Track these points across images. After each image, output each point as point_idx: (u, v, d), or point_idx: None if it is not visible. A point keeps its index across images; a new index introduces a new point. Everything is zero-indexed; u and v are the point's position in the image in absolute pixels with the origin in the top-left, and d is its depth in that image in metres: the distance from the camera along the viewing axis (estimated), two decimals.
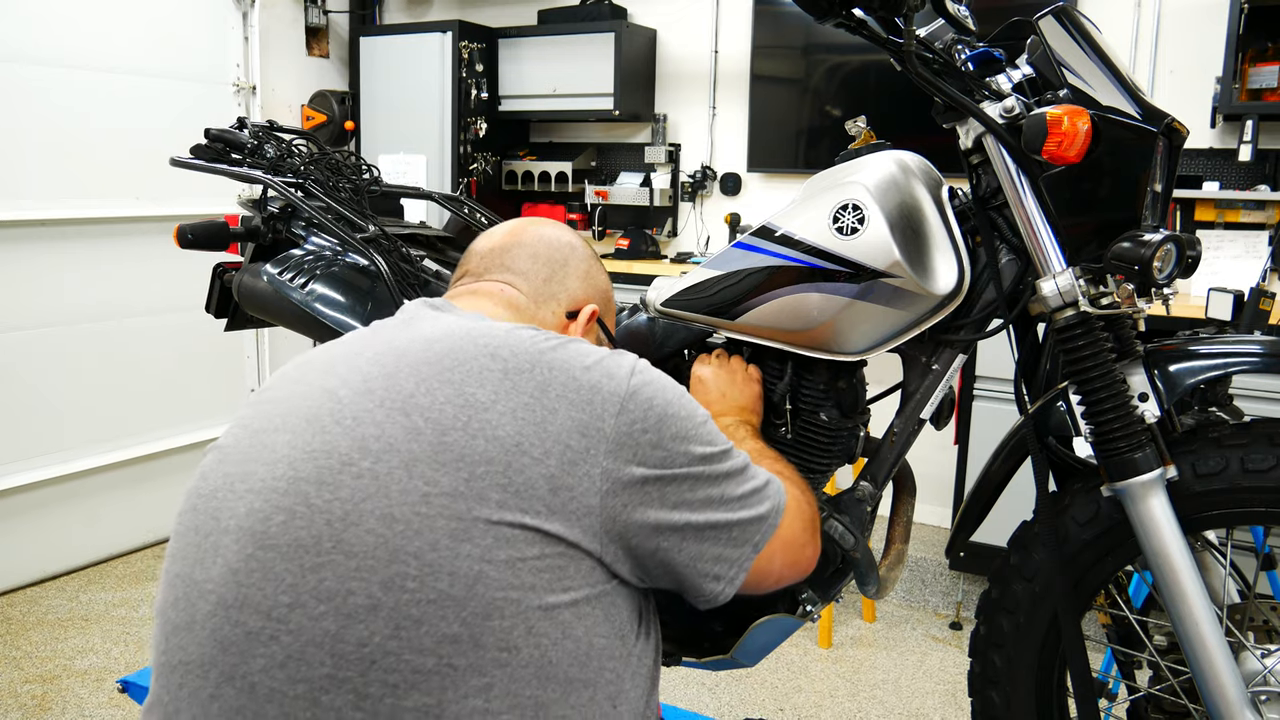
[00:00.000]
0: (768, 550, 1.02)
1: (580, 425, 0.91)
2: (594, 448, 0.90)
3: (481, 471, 0.86)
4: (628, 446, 0.92)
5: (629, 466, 0.92)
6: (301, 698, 0.82)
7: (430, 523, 0.84)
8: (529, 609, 0.85)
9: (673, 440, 0.95)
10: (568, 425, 0.91)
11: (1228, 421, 1.32)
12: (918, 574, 3.22)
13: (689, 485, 0.96)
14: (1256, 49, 3.01)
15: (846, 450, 1.44)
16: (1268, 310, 1.86)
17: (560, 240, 1.22)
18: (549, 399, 0.92)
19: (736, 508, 1.00)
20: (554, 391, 0.92)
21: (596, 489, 0.90)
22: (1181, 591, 1.19)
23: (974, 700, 1.44)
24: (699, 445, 0.97)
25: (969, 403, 3.04)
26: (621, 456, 0.92)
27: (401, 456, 0.87)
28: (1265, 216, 3.13)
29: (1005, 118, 1.22)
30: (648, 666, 0.99)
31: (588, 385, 0.93)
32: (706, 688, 2.64)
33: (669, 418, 0.95)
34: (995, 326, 1.32)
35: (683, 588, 1.00)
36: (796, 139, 3.90)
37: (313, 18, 4.39)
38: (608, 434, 0.92)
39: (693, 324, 1.43)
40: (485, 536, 0.84)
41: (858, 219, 1.27)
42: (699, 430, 0.98)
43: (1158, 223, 1.25)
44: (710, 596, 1.00)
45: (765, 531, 1.02)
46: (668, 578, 0.98)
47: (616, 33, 3.94)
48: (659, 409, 0.95)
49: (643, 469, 0.92)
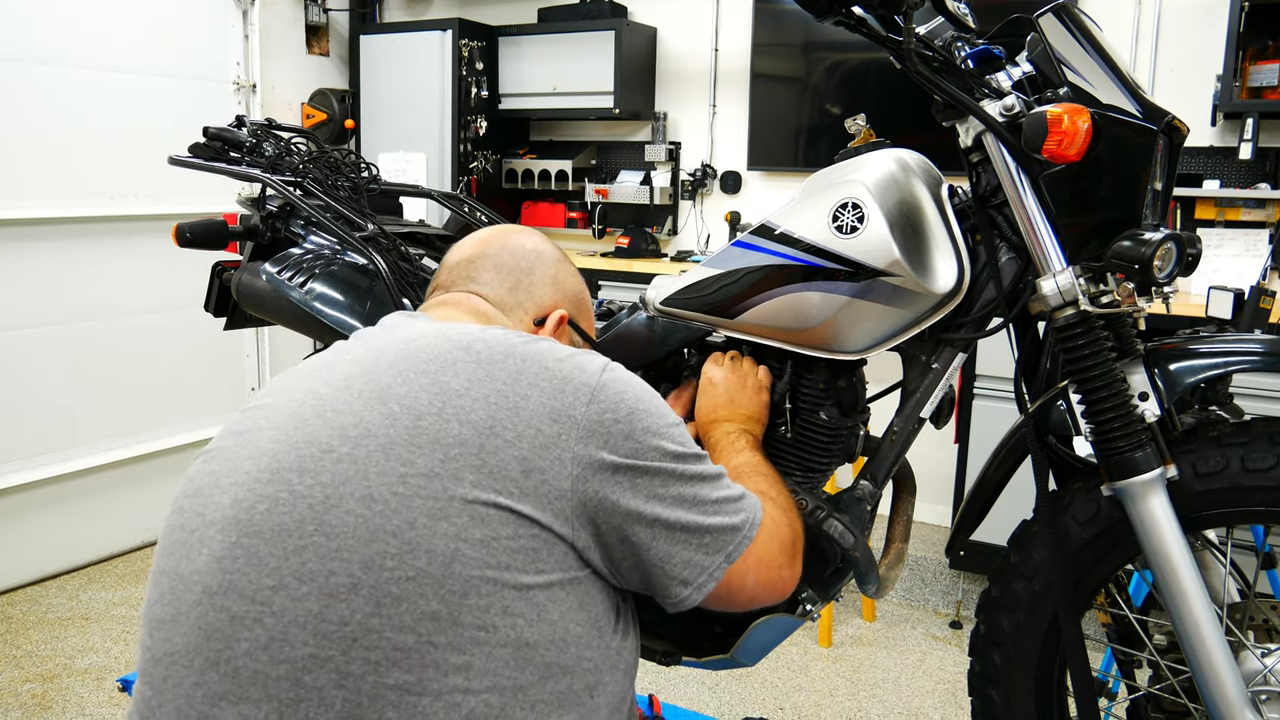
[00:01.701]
0: (741, 564, 1.02)
1: (552, 411, 0.93)
2: (565, 433, 0.93)
3: (456, 453, 0.89)
4: (599, 434, 0.94)
5: (600, 452, 0.93)
6: (284, 678, 0.83)
7: (408, 502, 0.86)
8: (504, 588, 0.87)
9: (644, 434, 0.96)
10: (539, 411, 0.93)
11: (1228, 420, 1.32)
12: (918, 573, 3.22)
13: (661, 480, 0.97)
14: (1257, 47, 3.01)
15: (846, 449, 1.43)
16: (1268, 309, 1.86)
17: (525, 248, 1.24)
18: (521, 386, 0.94)
19: (710, 512, 1.00)
20: (526, 380, 0.95)
21: (568, 473, 0.92)
22: (1181, 591, 1.19)
23: (974, 699, 1.44)
24: (670, 443, 0.99)
25: (969, 401, 3.04)
26: (593, 443, 0.93)
27: (379, 440, 0.90)
28: (1265, 215, 3.12)
29: (1005, 116, 1.22)
30: (626, 663, 1.00)
31: (560, 375, 0.96)
32: (707, 687, 2.64)
33: (640, 412, 0.97)
34: (995, 325, 1.32)
35: (651, 588, 1.00)
36: (796, 137, 3.89)
37: (313, 16, 4.39)
38: (579, 421, 0.94)
39: (692, 323, 1.42)
40: (461, 515, 0.87)
41: (857, 217, 1.27)
42: (670, 430, 1.00)
43: (1158, 221, 1.24)
44: (676, 600, 1.00)
45: (739, 543, 1.01)
46: (638, 574, 0.98)
47: (617, 31, 3.94)
48: (630, 403, 0.97)
49: (614, 456, 0.94)
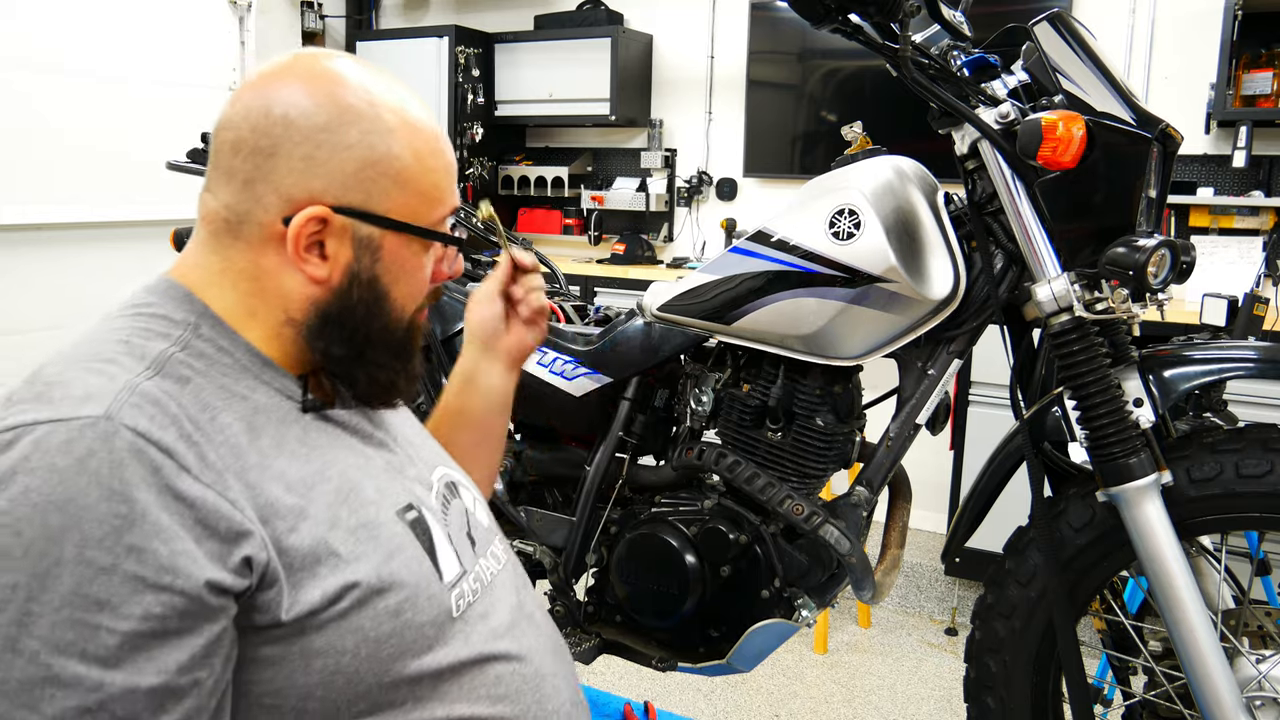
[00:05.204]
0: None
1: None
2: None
3: None
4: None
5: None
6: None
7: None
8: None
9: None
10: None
11: (1222, 427, 1.33)
12: (913, 579, 3.22)
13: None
14: (1250, 55, 3.02)
15: (842, 455, 1.44)
16: (1262, 315, 1.86)
17: (272, 115, 0.81)
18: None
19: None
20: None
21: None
22: (1176, 597, 1.19)
23: (969, 706, 1.44)
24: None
25: (964, 408, 3.04)
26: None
27: None
28: (1259, 222, 3.14)
29: (1001, 123, 1.22)
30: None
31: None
32: (702, 694, 2.63)
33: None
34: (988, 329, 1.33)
35: None
36: (792, 144, 3.90)
37: (309, 22, 4.39)
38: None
39: (689, 328, 1.43)
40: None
41: (854, 224, 1.28)
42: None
43: (1152, 228, 1.25)
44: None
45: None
46: None
47: (613, 38, 3.94)
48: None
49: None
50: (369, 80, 0.85)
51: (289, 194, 0.81)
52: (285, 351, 0.85)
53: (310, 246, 0.83)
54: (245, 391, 0.80)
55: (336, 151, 0.82)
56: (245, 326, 0.83)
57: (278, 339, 0.85)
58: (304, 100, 0.81)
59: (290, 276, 0.83)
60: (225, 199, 0.83)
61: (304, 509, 0.77)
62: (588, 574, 1.60)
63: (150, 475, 0.68)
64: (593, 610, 1.57)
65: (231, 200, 0.82)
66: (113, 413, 0.69)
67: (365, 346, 0.87)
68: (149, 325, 0.80)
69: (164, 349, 0.78)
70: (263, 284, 0.83)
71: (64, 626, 0.65)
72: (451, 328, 1.64)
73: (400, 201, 0.85)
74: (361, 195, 0.83)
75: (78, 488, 0.66)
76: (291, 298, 0.84)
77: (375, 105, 0.84)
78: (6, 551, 0.65)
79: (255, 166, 0.81)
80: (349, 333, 0.86)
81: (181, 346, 0.79)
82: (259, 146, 0.81)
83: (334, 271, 0.84)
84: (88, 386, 0.71)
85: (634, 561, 1.47)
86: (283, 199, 0.81)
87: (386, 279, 0.87)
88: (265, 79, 0.84)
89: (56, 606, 0.65)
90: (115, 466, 0.67)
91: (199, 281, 0.84)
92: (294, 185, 0.81)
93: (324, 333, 0.85)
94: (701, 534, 1.43)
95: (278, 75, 0.83)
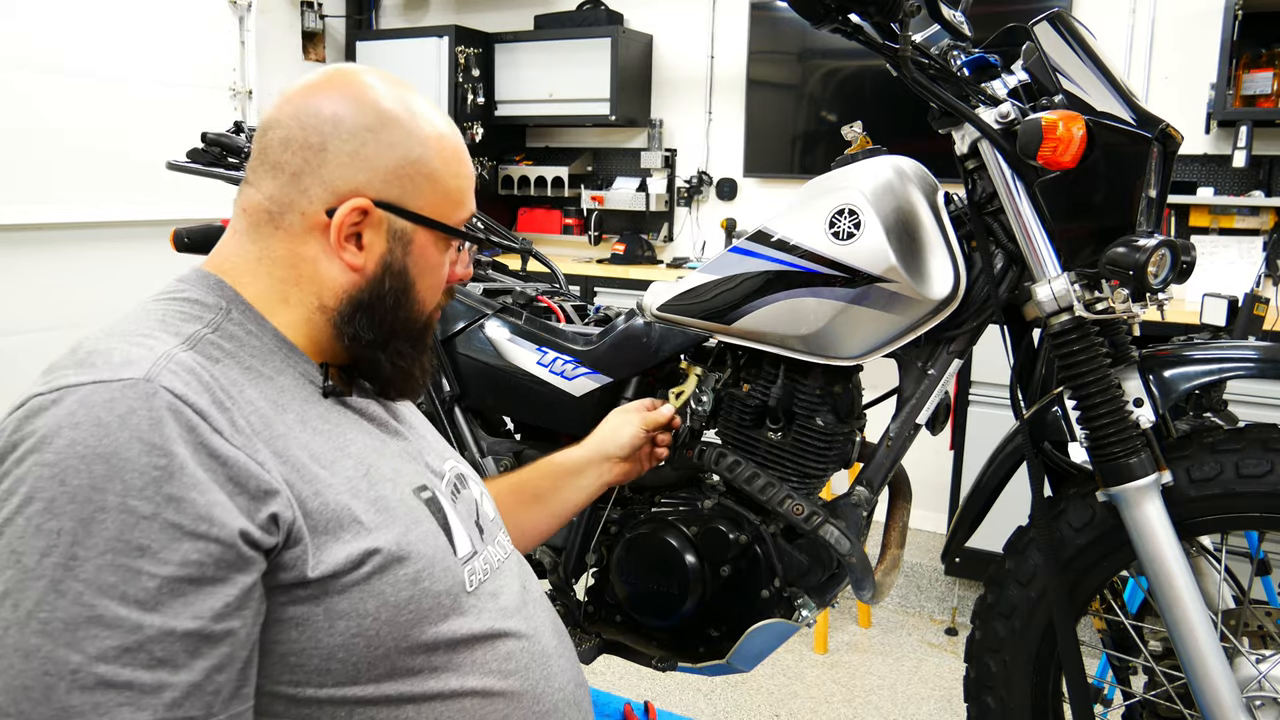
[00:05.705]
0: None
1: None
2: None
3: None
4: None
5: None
6: None
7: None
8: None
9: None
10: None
11: (1222, 427, 1.33)
12: (913, 579, 3.22)
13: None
14: (1251, 55, 3.02)
15: (842, 455, 1.44)
16: (1262, 315, 1.86)
17: (322, 114, 0.88)
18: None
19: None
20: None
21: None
22: (1177, 597, 1.19)
23: (970, 706, 1.44)
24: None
25: (964, 408, 3.04)
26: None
27: None
28: (1259, 222, 3.14)
29: (1001, 123, 1.22)
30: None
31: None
32: (702, 693, 2.63)
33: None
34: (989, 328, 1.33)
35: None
36: (792, 144, 3.90)
37: (309, 22, 4.39)
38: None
39: (689, 328, 1.43)
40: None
41: (854, 224, 1.28)
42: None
43: (1152, 228, 1.25)
44: None
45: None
46: None
47: (613, 38, 3.94)
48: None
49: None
50: (404, 92, 0.93)
51: (334, 186, 0.88)
52: (311, 338, 0.91)
53: (349, 236, 0.89)
54: (272, 373, 0.86)
55: (380, 149, 0.89)
56: (275, 312, 0.89)
57: (307, 324, 0.90)
58: (351, 104, 0.89)
59: (329, 264, 0.89)
60: (269, 191, 0.89)
61: (327, 478, 0.82)
62: (587, 574, 1.60)
63: (186, 433, 0.73)
64: (593, 610, 1.57)
65: (275, 192, 0.89)
66: (151, 375, 0.74)
67: (390, 335, 0.93)
68: (183, 309, 0.85)
69: (197, 329, 0.83)
70: (300, 271, 0.89)
71: (107, 570, 0.69)
72: (451, 328, 1.64)
73: (431, 201, 0.92)
74: (399, 191, 0.90)
75: (120, 441, 0.71)
76: (326, 284, 0.90)
77: (413, 113, 0.92)
78: (53, 500, 0.70)
79: (304, 160, 0.88)
80: (377, 320, 0.91)
81: (213, 329, 0.84)
82: (309, 142, 0.88)
83: (369, 261, 0.90)
84: (128, 354, 0.76)
85: (634, 561, 1.47)
86: (328, 190, 0.88)
87: (414, 271, 0.93)
88: (311, 88, 0.91)
89: (100, 551, 0.69)
90: (155, 423, 0.72)
91: (233, 270, 0.90)
92: (339, 178, 0.88)
93: (354, 319, 0.91)
94: (701, 534, 1.43)
95: (323, 85, 0.91)
